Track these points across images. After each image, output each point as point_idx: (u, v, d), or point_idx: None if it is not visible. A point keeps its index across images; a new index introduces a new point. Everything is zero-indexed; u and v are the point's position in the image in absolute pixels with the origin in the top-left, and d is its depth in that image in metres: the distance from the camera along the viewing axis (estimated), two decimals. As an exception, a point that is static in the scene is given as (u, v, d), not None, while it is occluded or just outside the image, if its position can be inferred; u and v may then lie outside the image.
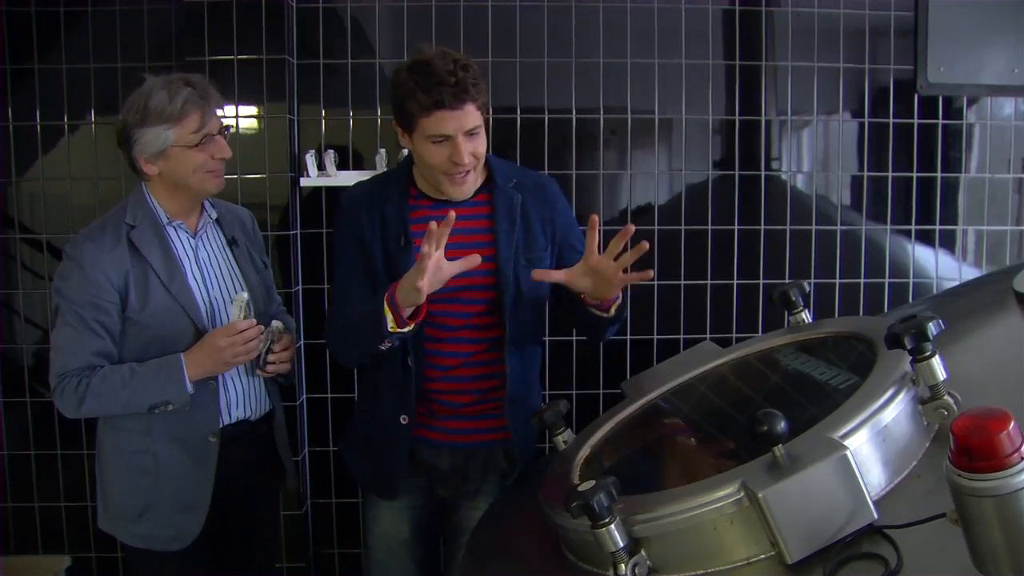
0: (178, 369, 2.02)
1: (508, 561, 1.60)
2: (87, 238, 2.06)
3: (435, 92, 1.85)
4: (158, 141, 2.02)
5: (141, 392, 2.01)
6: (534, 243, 2.05)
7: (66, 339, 2.03)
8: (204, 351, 2.04)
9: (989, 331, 1.61)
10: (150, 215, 2.10)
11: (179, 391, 2.02)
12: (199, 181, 2.09)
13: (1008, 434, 0.86)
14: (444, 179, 1.96)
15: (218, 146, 2.09)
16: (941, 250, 3.31)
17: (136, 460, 2.11)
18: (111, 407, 2.05)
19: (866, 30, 3.18)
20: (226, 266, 2.22)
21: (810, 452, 1.11)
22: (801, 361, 1.61)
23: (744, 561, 1.14)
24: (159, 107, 2.01)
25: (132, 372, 2.02)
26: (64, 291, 2.03)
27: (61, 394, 2.03)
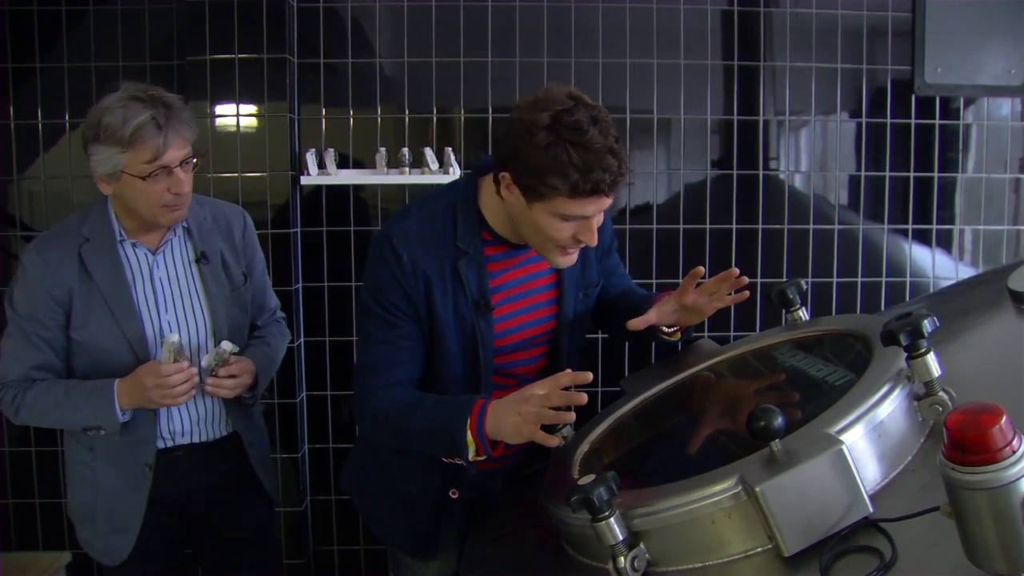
0: (108, 396, 1.94)
1: (508, 556, 1.61)
2: (35, 248, 1.96)
3: (596, 177, 1.55)
4: (109, 164, 1.87)
5: (72, 413, 1.96)
6: (591, 273, 1.92)
7: (8, 348, 1.99)
8: (133, 384, 1.94)
9: (984, 329, 1.62)
10: (106, 230, 1.99)
11: (109, 418, 1.95)
12: (151, 215, 1.94)
13: (1000, 428, 0.88)
14: (555, 251, 1.69)
15: (174, 180, 1.90)
16: (938, 249, 3.33)
17: (79, 471, 2.10)
18: (45, 422, 2.03)
19: (864, 31, 3.20)
20: (188, 287, 2.08)
21: (807, 447, 1.12)
22: (798, 358, 1.62)
23: (742, 554, 1.15)
24: (110, 128, 1.84)
25: (67, 391, 1.96)
26: (13, 301, 1.97)
27: (1, 402, 2.00)
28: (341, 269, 3.13)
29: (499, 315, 1.78)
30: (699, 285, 1.81)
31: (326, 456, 3.19)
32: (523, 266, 1.81)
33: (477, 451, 1.60)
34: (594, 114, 1.57)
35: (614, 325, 2.01)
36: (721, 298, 1.79)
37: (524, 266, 1.81)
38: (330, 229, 3.12)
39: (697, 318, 1.84)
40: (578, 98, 1.59)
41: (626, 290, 2.06)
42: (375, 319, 1.76)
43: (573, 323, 1.90)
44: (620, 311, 1.96)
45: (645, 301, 1.91)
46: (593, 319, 2.02)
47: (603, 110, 1.59)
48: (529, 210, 1.63)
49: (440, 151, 3.05)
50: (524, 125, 1.58)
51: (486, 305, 1.75)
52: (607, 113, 1.60)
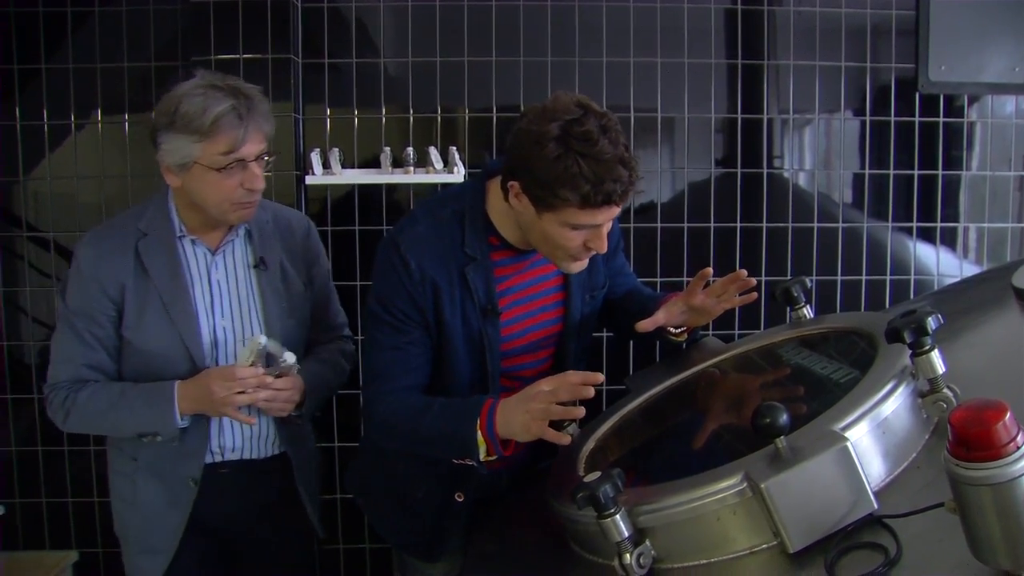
0: (169, 399, 1.82)
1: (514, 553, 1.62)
2: (90, 241, 1.89)
3: (607, 188, 1.54)
4: (181, 153, 1.77)
5: (128, 417, 1.85)
6: (597, 276, 1.92)
7: (60, 347, 1.90)
8: (198, 388, 1.82)
9: (988, 326, 1.63)
10: (165, 225, 1.89)
11: (167, 423, 1.84)
12: (220, 211, 1.85)
13: (1004, 424, 0.88)
14: (565, 259, 1.70)
15: (249, 175, 1.81)
16: (942, 247, 3.32)
17: (119, 484, 2.01)
18: (96, 427, 1.93)
19: (867, 29, 3.19)
20: (246, 292, 1.96)
21: (811, 444, 1.13)
22: (803, 356, 1.63)
23: (747, 551, 1.15)
24: (188, 116, 1.74)
25: (122, 393, 1.85)
26: (63, 295, 1.90)
27: (50, 405, 1.90)
28: (346, 268, 3.13)
29: (506, 319, 1.79)
30: (707, 286, 1.82)
31: (331, 455, 3.19)
32: (530, 270, 1.82)
33: (488, 451, 1.62)
34: (603, 123, 1.57)
35: (620, 325, 2.02)
36: (729, 299, 1.80)
37: (531, 270, 1.82)
38: (335, 229, 3.12)
39: (704, 319, 1.85)
40: (587, 106, 1.59)
41: (632, 289, 2.06)
42: (383, 325, 1.76)
43: (580, 325, 1.90)
44: (626, 311, 1.97)
45: (652, 302, 1.92)
46: (599, 318, 2.02)
47: (612, 117, 1.59)
48: (539, 219, 1.63)
49: (444, 150, 3.05)
50: (533, 136, 1.57)
51: (493, 310, 1.75)
52: (616, 120, 1.60)
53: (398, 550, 2.07)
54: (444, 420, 1.68)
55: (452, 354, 1.77)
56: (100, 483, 3.14)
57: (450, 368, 1.78)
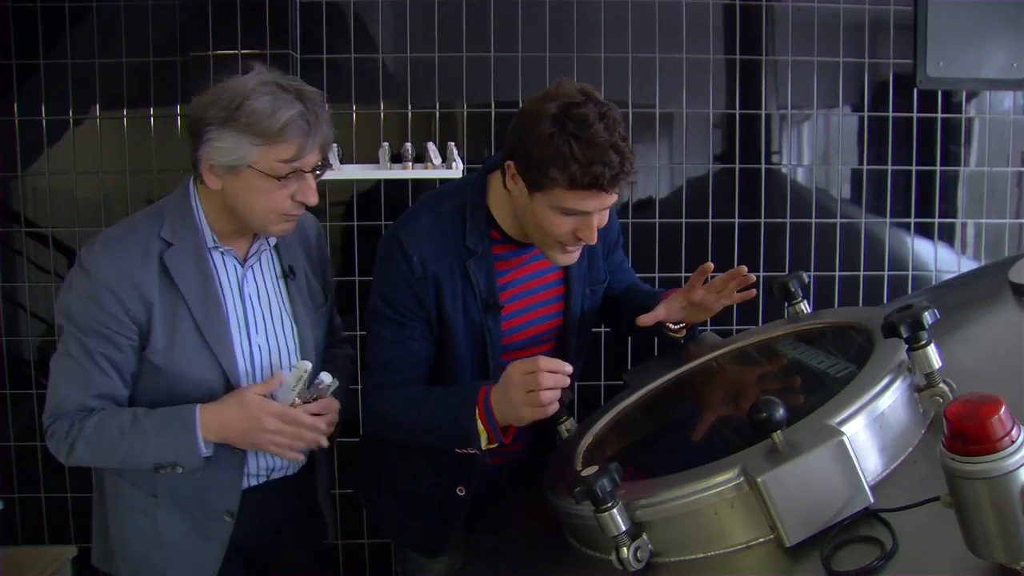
0: (189, 426, 1.61)
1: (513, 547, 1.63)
2: (106, 248, 1.62)
3: (595, 172, 1.54)
4: (236, 154, 1.58)
5: (141, 447, 1.61)
6: (597, 270, 1.93)
7: (65, 372, 1.64)
8: (233, 413, 1.62)
9: (985, 321, 1.63)
10: (194, 234, 1.67)
11: (189, 453, 1.62)
12: (263, 221, 1.66)
13: (999, 418, 0.88)
14: (556, 248, 1.69)
15: (304, 187, 1.65)
16: (940, 243, 3.33)
17: (134, 519, 1.76)
18: (106, 459, 1.68)
19: (866, 24, 3.20)
20: (277, 305, 1.79)
21: (808, 438, 1.13)
22: (800, 351, 1.63)
23: (744, 544, 1.15)
24: (257, 115, 1.55)
25: (134, 420, 1.62)
26: (69, 311, 1.62)
27: (51, 437, 1.65)
28: (345, 264, 3.14)
29: (507, 313, 1.79)
30: (706, 282, 1.82)
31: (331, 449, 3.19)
32: (530, 264, 1.83)
33: (489, 439, 1.62)
34: (603, 110, 1.57)
35: (619, 320, 2.02)
36: (728, 295, 1.80)
37: (531, 264, 1.83)
38: (334, 224, 3.12)
39: (704, 315, 1.86)
40: (589, 94, 1.59)
41: (631, 285, 2.07)
42: (385, 320, 1.76)
43: (580, 320, 1.91)
44: (625, 306, 1.97)
45: (651, 298, 1.92)
46: (598, 314, 2.03)
47: (613, 107, 1.60)
48: (531, 202, 1.64)
49: (443, 146, 3.06)
50: (531, 115, 1.59)
51: (495, 304, 1.76)
52: (617, 111, 1.60)
53: (400, 546, 2.07)
54: (443, 410, 1.69)
55: (454, 348, 1.77)
56: (99, 478, 3.15)
57: (452, 362, 1.79)
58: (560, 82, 1.63)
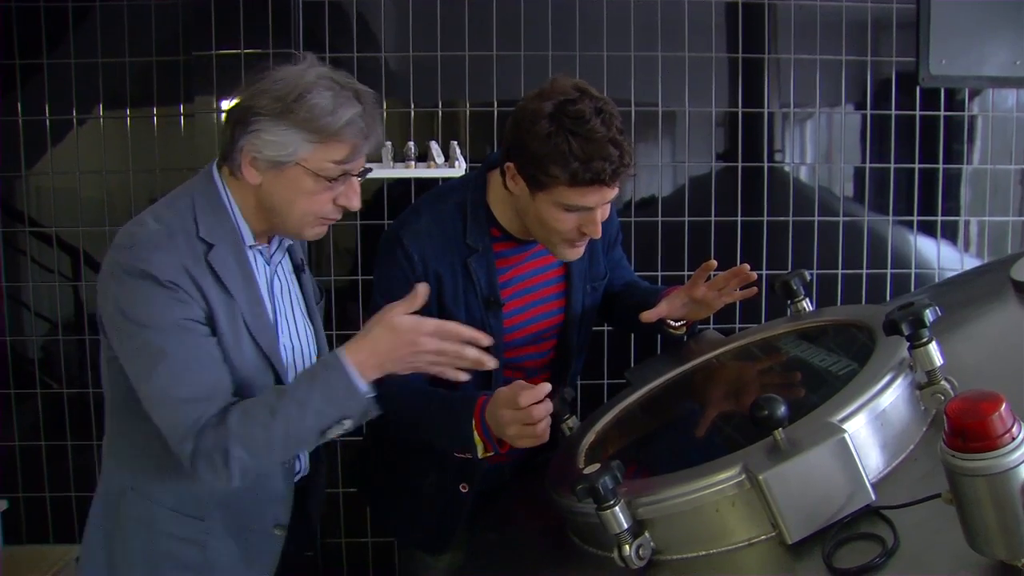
0: (339, 369, 1.43)
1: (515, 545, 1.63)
2: (156, 248, 1.46)
3: (595, 168, 1.55)
4: (286, 150, 1.48)
5: (299, 416, 1.42)
6: (598, 267, 1.93)
7: (178, 381, 1.43)
8: (384, 343, 1.45)
9: (987, 319, 1.63)
10: (232, 233, 1.55)
11: (352, 398, 1.44)
12: (300, 222, 1.56)
13: (1000, 415, 0.88)
14: (562, 245, 1.69)
15: (349, 190, 1.57)
16: (943, 241, 3.33)
17: (174, 549, 1.59)
18: (266, 450, 1.45)
19: (868, 22, 3.20)
20: (296, 302, 1.72)
21: (810, 436, 1.13)
22: (802, 348, 1.63)
23: (745, 542, 1.16)
24: (316, 111, 1.47)
25: (279, 393, 1.45)
26: (149, 316, 1.43)
27: (201, 458, 1.42)
28: (348, 263, 3.14)
29: (508, 310, 1.80)
30: (709, 279, 1.83)
31: (334, 448, 3.20)
32: (531, 261, 1.83)
33: (486, 448, 1.62)
34: (599, 105, 1.58)
35: (619, 317, 2.02)
36: (730, 293, 1.81)
37: (532, 261, 1.83)
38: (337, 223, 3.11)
39: (705, 312, 1.86)
40: (584, 89, 1.60)
41: (630, 282, 2.07)
42: None
43: (581, 317, 1.91)
44: (625, 303, 1.97)
45: (653, 294, 1.93)
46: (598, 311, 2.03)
47: (609, 102, 1.60)
48: (533, 201, 1.64)
49: (446, 145, 3.06)
50: (528, 114, 1.60)
51: (496, 301, 1.76)
52: (613, 105, 1.61)
53: (404, 543, 2.08)
54: (443, 417, 1.69)
55: None
56: (103, 477, 3.17)
57: None
58: (555, 79, 1.64)
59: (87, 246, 3.15)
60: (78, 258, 3.16)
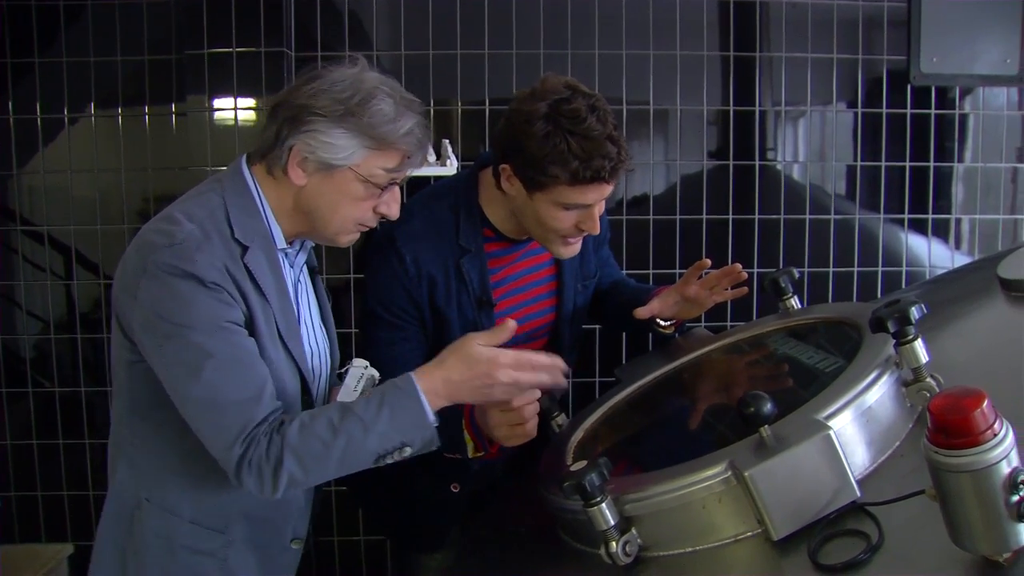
0: (413, 396, 1.40)
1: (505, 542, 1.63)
2: (195, 247, 1.40)
3: (596, 165, 1.56)
4: (342, 153, 1.46)
5: (361, 437, 1.38)
6: (588, 265, 1.94)
7: (226, 382, 1.38)
8: (458, 373, 1.42)
9: (974, 316, 1.64)
10: (264, 235, 1.51)
11: (420, 427, 1.41)
12: (338, 228, 1.54)
13: (982, 412, 0.89)
14: (558, 242, 1.70)
15: (391, 198, 1.55)
16: (934, 239, 3.34)
17: (192, 563, 1.54)
18: (318, 469, 1.40)
19: (859, 21, 3.20)
20: (312, 304, 1.70)
21: (795, 432, 1.14)
22: (790, 346, 1.64)
23: (732, 538, 1.16)
24: (379, 117, 1.45)
25: (343, 410, 1.39)
26: (188, 320, 1.38)
27: (249, 466, 1.37)
28: (340, 261, 3.14)
29: (500, 310, 1.81)
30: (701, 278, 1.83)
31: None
32: (522, 260, 1.84)
33: (476, 448, 1.62)
34: (592, 102, 1.59)
35: (608, 314, 2.03)
36: (720, 292, 1.82)
37: (523, 260, 1.84)
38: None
39: (696, 311, 1.87)
40: (575, 87, 1.61)
41: (617, 280, 2.08)
42: (379, 322, 1.77)
43: (573, 315, 1.92)
44: (615, 301, 1.98)
45: (644, 292, 1.94)
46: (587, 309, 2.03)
47: (601, 98, 1.62)
48: (531, 201, 1.65)
49: (438, 143, 3.06)
50: (522, 116, 1.60)
51: (488, 301, 1.77)
52: (605, 101, 1.62)
53: (396, 543, 2.08)
54: None
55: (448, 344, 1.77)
56: (96, 475, 3.17)
57: None
58: (545, 79, 1.65)
59: (79, 245, 3.14)
60: (70, 257, 3.16)
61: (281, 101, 1.51)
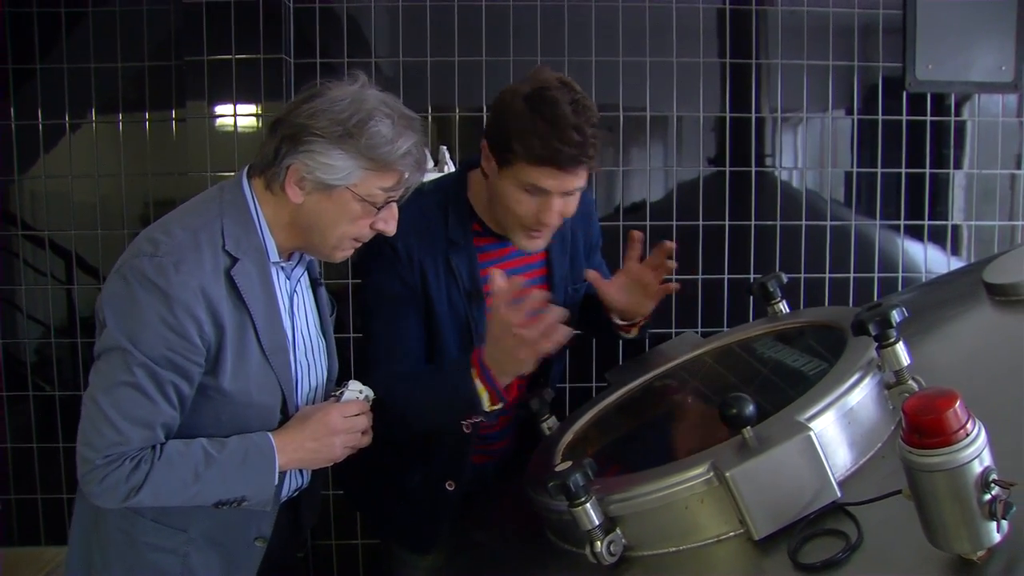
0: (269, 458, 1.49)
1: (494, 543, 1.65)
2: (178, 264, 1.42)
3: (553, 147, 1.59)
4: (338, 174, 1.47)
5: (216, 486, 1.47)
6: (579, 267, 1.96)
7: (126, 405, 1.41)
8: (307, 433, 1.52)
9: (959, 321, 1.65)
10: (258, 247, 1.52)
11: (263, 486, 1.50)
12: (334, 244, 1.56)
13: (955, 412, 0.91)
14: (520, 232, 1.73)
15: (388, 215, 1.56)
16: (931, 245, 3.34)
17: (154, 560, 1.58)
18: (167, 501, 1.48)
19: (855, 28, 3.21)
20: (312, 320, 1.69)
21: (777, 433, 1.15)
22: (776, 350, 1.65)
23: (715, 539, 1.18)
24: (377, 139, 1.46)
25: (207, 458, 1.46)
26: (133, 335, 1.41)
27: (102, 481, 1.42)
28: (340, 266, 3.16)
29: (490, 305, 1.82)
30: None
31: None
32: (512, 259, 1.86)
33: (491, 399, 1.62)
34: (575, 97, 1.62)
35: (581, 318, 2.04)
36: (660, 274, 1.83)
37: (514, 259, 1.86)
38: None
39: (641, 305, 1.86)
40: (567, 83, 1.65)
41: None
42: (378, 314, 1.80)
43: None
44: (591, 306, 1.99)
45: None
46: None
47: (587, 98, 1.65)
48: (499, 180, 1.69)
49: (436, 150, 3.07)
50: (508, 94, 1.67)
51: (478, 293, 1.79)
52: (592, 102, 1.65)
53: (390, 543, 2.09)
54: (438, 384, 1.71)
55: (441, 339, 1.80)
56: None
57: (439, 351, 1.82)
58: (540, 69, 1.70)
59: (79, 249, 3.16)
60: (71, 261, 3.18)
61: (281, 118, 1.52)
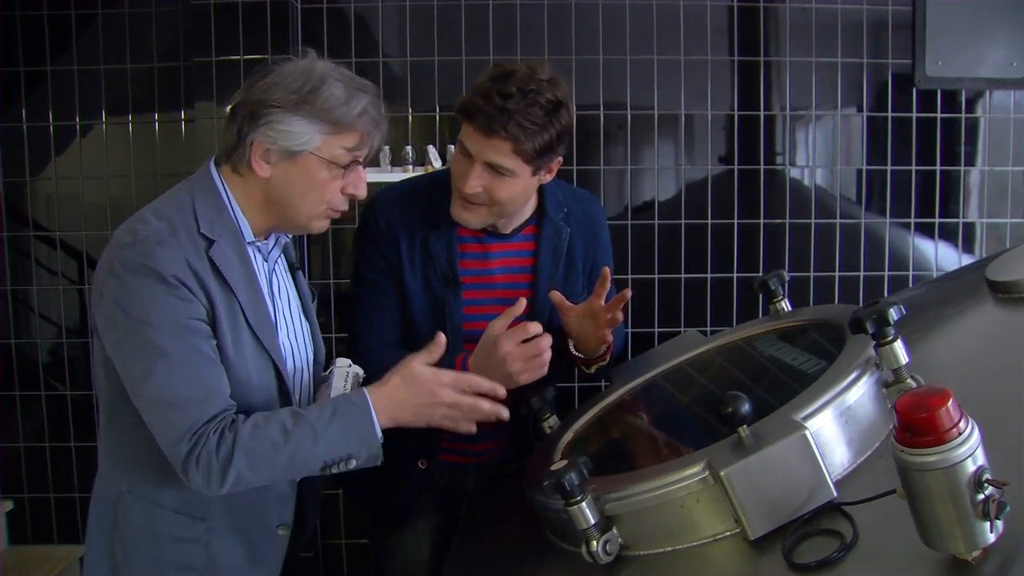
0: (365, 412, 1.49)
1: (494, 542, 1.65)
2: (160, 244, 1.44)
3: (468, 98, 1.67)
4: (300, 139, 1.50)
5: (311, 444, 1.44)
6: (574, 283, 1.94)
7: (174, 379, 1.42)
8: (403, 393, 1.52)
9: (962, 318, 1.64)
10: (232, 228, 1.55)
11: (367, 441, 1.49)
12: (308, 214, 1.58)
13: (947, 410, 0.90)
14: (458, 200, 1.76)
15: (356, 179, 1.59)
16: (941, 242, 3.32)
17: (176, 551, 1.57)
18: (264, 471, 1.45)
19: (864, 25, 3.20)
20: (293, 301, 1.71)
21: (772, 432, 1.14)
22: (777, 348, 1.64)
23: (711, 538, 1.17)
24: (332, 102, 1.50)
25: (294, 415, 1.46)
26: (147, 314, 1.42)
27: (198, 466, 1.41)
28: (346, 266, 3.17)
29: (470, 297, 1.84)
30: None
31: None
32: (498, 258, 1.87)
33: None
34: (532, 86, 1.66)
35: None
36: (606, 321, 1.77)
37: (498, 259, 1.88)
38: (335, 227, 3.15)
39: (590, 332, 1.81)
40: (533, 69, 1.69)
41: None
42: (362, 281, 1.87)
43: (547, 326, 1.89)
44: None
45: None
46: None
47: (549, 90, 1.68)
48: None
49: (443, 149, 3.09)
50: None
51: (455, 279, 1.82)
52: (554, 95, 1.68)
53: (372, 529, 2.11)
54: None
55: (411, 316, 1.84)
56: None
57: (410, 330, 1.85)
58: (540, 60, 1.75)
59: (91, 250, 3.19)
60: (82, 262, 3.21)
61: (238, 102, 1.55)
